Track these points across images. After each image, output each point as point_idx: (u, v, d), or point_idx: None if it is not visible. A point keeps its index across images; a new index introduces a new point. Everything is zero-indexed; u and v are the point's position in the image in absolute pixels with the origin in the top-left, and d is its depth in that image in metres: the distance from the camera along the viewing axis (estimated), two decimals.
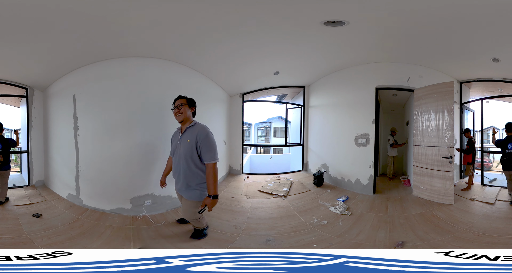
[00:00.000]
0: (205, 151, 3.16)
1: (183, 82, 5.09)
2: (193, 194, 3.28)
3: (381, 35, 4.26)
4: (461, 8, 3.26)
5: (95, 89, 4.62)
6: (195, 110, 3.55)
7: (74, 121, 4.77)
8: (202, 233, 3.71)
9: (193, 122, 3.38)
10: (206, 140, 3.17)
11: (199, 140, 3.17)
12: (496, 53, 4.66)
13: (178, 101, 3.43)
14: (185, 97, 3.46)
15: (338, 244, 3.65)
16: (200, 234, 3.69)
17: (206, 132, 3.21)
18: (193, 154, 3.21)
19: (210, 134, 3.23)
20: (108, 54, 4.38)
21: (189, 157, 3.22)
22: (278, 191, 5.88)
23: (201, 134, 3.18)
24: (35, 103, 5.67)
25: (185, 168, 3.26)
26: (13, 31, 3.44)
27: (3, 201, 4.70)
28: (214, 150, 3.19)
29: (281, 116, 20.40)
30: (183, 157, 3.26)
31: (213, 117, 6.28)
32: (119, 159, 4.51)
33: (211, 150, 3.17)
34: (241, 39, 4.28)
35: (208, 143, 3.18)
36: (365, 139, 5.94)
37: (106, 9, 3.13)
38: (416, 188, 5.64)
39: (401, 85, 5.81)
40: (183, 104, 3.37)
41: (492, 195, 5.35)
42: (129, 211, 4.47)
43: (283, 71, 6.34)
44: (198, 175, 3.25)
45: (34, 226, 3.86)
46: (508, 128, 5.25)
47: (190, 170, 3.24)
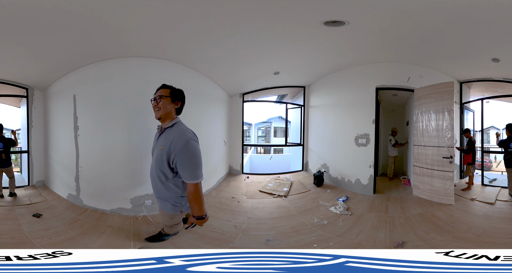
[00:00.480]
0: (182, 167, 2.43)
1: (183, 82, 5.01)
2: (164, 206, 2.77)
3: (381, 35, 4.26)
4: (461, 8, 3.26)
5: (95, 89, 4.62)
6: (182, 106, 2.76)
7: (74, 121, 4.77)
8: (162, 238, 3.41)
9: (173, 122, 2.60)
10: (183, 153, 2.38)
11: (173, 151, 2.41)
12: (496, 53, 4.66)
13: (159, 91, 2.65)
14: (169, 87, 2.70)
15: (338, 244, 3.65)
16: (158, 238, 3.41)
17: (184, 140, 2.39)
18: (164, 166, 2.52)
19: (191, 144, 2.41)
20: (108, 54, 4.38)
21: (159, 168, 2.58)
22: (278, 191, 5.88)
23: (177, 143, 2.39)
24: (35, 103, 5.67)
25: (155, 178, 2.68)
26: (13, 31, 3.44)
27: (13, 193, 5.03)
28: (195, 166, 2.43)
29: (281, 116, 20.40)
30: (154, 165, 2.65)
31: (213, 117, 6.28)
32: (119, 159, 4.51)
33: (191, 167, 2.42)
34: (241, 39, 4.27)
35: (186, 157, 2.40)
36: (365, 139, 5.94)
37: (106, 9, 3.13)
38: (416, 188, 5.63)
39: (401, 85, 5.81)
40: (163, 97, 2.59)
41: (492, 195, 5.35)
42: (129, 211, 4.47)
43: (283, 71, 6.34)
44: (170, 189, 2.66)
45: (34, 226, 3.86)
46: (509, 128, 5.33)
47: (161, 182, 2.63)
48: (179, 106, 2.71)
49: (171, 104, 2.62)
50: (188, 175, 2.44)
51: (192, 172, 2.42)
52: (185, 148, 2.38)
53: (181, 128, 2.53)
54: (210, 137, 6.17)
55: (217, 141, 6.57)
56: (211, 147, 6.23)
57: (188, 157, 2.41)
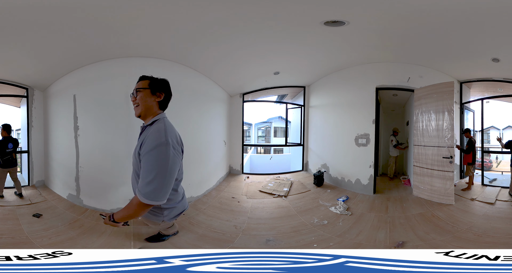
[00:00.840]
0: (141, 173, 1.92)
1: (183, 82, 5.09)
2: None
3: (381, 35, 4.26)
4: (461, 8, 3.26)
5: (95, 89, 4.62)
6: (166, 98, 2.29)
7: (74, 121, 4.77)
8: (162, 238, 3.33)
9: (155, 118, 2.16)
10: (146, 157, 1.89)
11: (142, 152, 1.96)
12: (496, 53, 4.66)
13: (137, 84, 2.24)
14: (148, 78, 2.27)
15: (338, 244, 3.65)
16: (158, 238, 3.34)
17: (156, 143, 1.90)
18: (137, 162, 2.10)
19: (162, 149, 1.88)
20: (109, 54, 4.38)
21: (135, 171, 2.21)
22: (278, 191, 5.88)
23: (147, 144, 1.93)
24: (35, 103, 5.68)
25: (133, 182, 2.30)
26: (13, 31, 3.44)
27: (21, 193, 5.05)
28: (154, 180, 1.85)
29: (281, 116, 20.41)
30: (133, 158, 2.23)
31: (213, 117, 6.28)
32: (119, 159, 4.50)
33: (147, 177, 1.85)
34: (242, 38, 4.27)
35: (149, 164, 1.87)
36: (365, 139, 5.94)
37: (106, 9, 3.13)
38: (416, 188, 5.63)
39: (401, 85, 5.81)
40: (141, 90, 2.15)
41: (492, 195, 5.35)
42: None
43: (283, 71, 6.34)
44: None
45: (34, 226, 3.86)
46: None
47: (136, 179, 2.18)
48: (162, 99, 2.21)
49: (152, 97, 2.15)
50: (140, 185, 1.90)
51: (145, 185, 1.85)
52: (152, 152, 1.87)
53: (160, 126, 2.04)
54: (210, 137, 6.17)
55: (217, 141, 6.57)
56: (211, 147, 6.23)
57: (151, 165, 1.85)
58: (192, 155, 5.34)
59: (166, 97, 2.25)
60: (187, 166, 5.26)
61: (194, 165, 5.39)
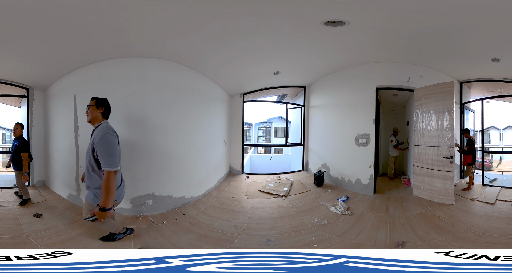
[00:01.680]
0: (100, 156, 2.82)
1: (183, 82, 5.09)
2: (88, 195, 3.10)
3: (382, 35, 4.25)
4: (462, 8, 3.26)
5: (95, 89, 4.60)
6: (106, 110, 3.23)
7: (75, 121, 4.78)
8: (112, 237, 3.57)
9: (99, 123, 3.11)
10: (100, 143, 2.82)
11: (94, 142, 2.87)
12: (497, 53, 4.66)
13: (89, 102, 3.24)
14: (95, 98, 3.24)
15: (339, 244, 3.65)
16: (109, 237, 3.57)
17: (102, 133, 2.87)
18: (91, 158, 2.93)
19: (108, 136, 2.87)
20: (109, 54, 4.39)
21: (88, 160, 2.99)
22: (278, 191, 5.88)
23: (97, 137, 2.87)
24: (35, 103, 5.68)
25: (86, 170, 3.05)
26: (13, 31, 3.44)
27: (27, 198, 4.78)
28: (109, 154, 2.81)
29: (281, 116, 20.42)
30: (86, 157, 3.06)
31: (213, 117, 6.28)
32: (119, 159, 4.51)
33: (105, 155, 2.81)
34: (242, 39, 4.27)
35: (102, 146, 2.81)
36: (365, 139, 5.94)
37: (106, 8, 3.13)
38: (417, 188, 5.63)
39: (402, 85, 5.81)
40: (90, 106, 3.16)
41: (493, 195, 5.35)
42: (129, 211, 4.47)
43: (283, 71, 6.34)
44: (95, 179, 3.00)
45: (34, 226, 3.87)
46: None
47: (89, 173, 3.01)
48: (103, 111, 3.18)
49: (96, 110, 3.13)
50: (103, 163, 2.81)
51: (106, 160, 2.79)
52: (101, 139, 2.82)
53: (103, 126, 3.01)
54: (211, 137, 6.17)
55: (217, 141, 6.57)
56: (212, 147, 6.23)
57: (103, 146, 2.81)
58: (193, 155, 5.35)
59: (106, 109, 3.21)
60: (187, 166, 5.28)
61: (194, 165, 5.40)
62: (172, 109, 4.87)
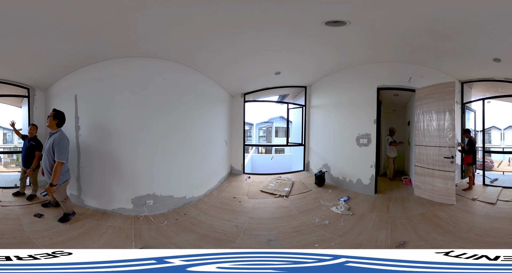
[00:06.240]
0: (56, 152, 3.89)
1: (184, 82, 5.09)
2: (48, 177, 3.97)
3: (382, 35, 4.25)
4: (463, 8, 3.25)
5: (96, 89, 4.63)
6: (60, 121, 4.09)
7: (76, 121, 4.78)
8: (67, 217, 4.18)
9: (56, 130, 4.06)
10: (57, 145, 3.90)
11: (54, 144, 3.91)
12: (498, 53, 4.65)
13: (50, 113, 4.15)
14: (54, 110, 4.12)
15: (340, 244, 3.65)
16: (64, 218, 4.15)
17: (59, 139, 3.94)
18: (50, 153, 3.95)
19: (63, 141, 3.95)
20: (110, 54, 4.39)
21: (49, 154, 3.96)
22: (279, 191, 5.88)
23: (56, 140, 3.92)
24: (36, 103, 5.68)
25: (46, 161, 4.00)
26: (14, 31, 3.45)
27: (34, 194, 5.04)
28: (62, 152, 3.91)
29: (282, 116, 20.40)
30: (46, 153, 4.01)
31: (214, 117, 6.29)
32: (120, 159, 4.52)
33: (59, 152, 3.88)
34: (242, 39, 4.27)
35: (58, 146, 3.89)
36: (366, 139, 5.93)
37: (107, 9, 3.14)
38: (418, 188, 5.62)
39: (403, 85, 5.80)
40: (50, 116, 4.08)
41: (494, 195, 5.33)
42: (130, 211, 4.48)
43: (284, 71, 6.34)
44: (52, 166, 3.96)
45: (35, 226, 3.88)
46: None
47: (50, 162, 3.97)
48: (58, 122, 4.06)
49: (54, 120, 4.04)
50: (57, 156, 3.85)
51: (58, 155, 3.85)
52: (59, 143, 3.89)
53: (59, 134, 3.98)
54: (212, 137, 6.17)
55: (218, 141, 6.57)
56: (213, 147, 6.24)
57: (59, 147, 3.87)
58: (194, 155, 5.36)
59: (60, 121, 4.09)
60: (188, 166, 5.28)
61: (195, 165, 5.40)
62: (173, 108, 4.87)
